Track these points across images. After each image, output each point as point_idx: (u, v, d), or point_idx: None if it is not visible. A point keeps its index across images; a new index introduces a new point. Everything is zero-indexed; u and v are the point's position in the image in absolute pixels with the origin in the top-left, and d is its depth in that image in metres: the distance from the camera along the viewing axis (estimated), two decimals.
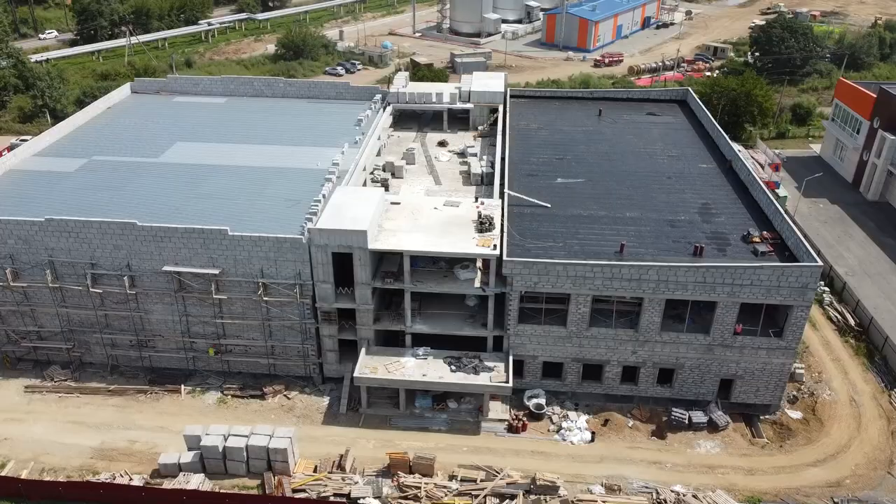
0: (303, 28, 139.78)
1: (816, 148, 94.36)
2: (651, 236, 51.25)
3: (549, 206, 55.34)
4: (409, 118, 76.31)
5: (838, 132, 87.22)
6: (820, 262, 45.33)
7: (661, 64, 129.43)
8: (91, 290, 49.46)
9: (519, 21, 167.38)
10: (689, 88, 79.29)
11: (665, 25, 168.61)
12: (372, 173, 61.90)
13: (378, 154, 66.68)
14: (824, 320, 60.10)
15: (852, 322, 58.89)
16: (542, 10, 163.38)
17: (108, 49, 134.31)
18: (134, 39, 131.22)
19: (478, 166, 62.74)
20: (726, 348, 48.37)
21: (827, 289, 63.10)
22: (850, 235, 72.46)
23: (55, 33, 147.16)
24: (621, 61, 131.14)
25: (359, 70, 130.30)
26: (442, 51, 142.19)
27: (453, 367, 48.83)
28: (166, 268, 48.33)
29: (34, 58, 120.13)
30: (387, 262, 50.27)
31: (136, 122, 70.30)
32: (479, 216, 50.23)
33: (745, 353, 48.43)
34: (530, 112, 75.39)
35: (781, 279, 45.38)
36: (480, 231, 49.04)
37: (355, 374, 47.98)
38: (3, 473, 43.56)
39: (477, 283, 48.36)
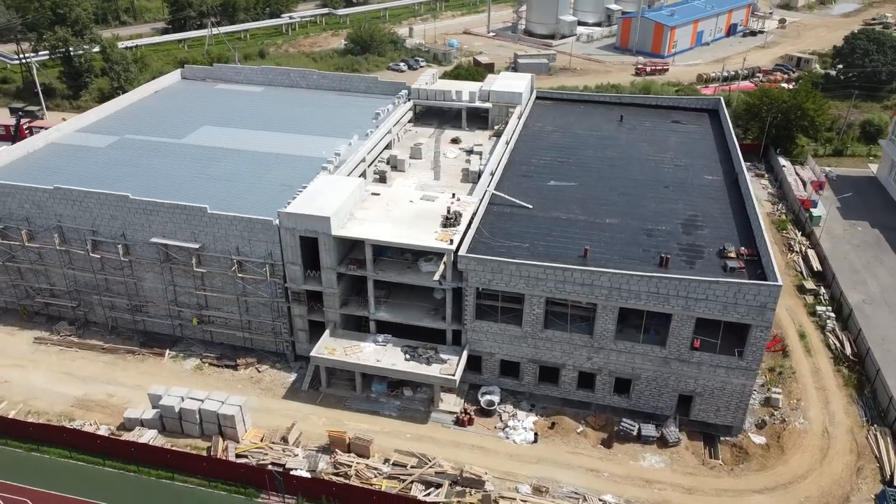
0: (372, 24, 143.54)
1: (875, 168, 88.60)
2: (622, 244, 50.60)
3: (530, 207, 55.53)
4: (434, 115, 77.77)
5: (895, 152, 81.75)
6: (779, 283, 43.50)
7: (732, 73, 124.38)
8: (91, 254, 54.18)
9: (598, 24, 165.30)
10: (721, 98, 76.53)
11: (753, 33, 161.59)
12: (370, 165, 63.83)
13: (388, 147, 68.67)
14: (822, 347, 57.07)
15: (849, 351, 55.63)
16: (624, 13, 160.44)
17: (193, 38, 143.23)
18: (215, 30, 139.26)
19: (477, 164, 63.51)
20: (683, 363, 47.20)
21: (833, 315, 59.77)
22: (880, 262, 68.05)
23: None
24: (666, 70, 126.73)
25: (421, 67, 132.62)
26: (509, 51, 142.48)
27: (408, 357, 50.16)
28: (154, 239, 52.28)
29: (125, 44, 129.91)
30: (357, 249, 52.09)
31: (174, 106, 75.59)
32: (448, 211, 51.22)
33: (704, 370, 47.08)
34: (551, 114, 75.26)
35: (738, 296, 43.91)
36: (445, 226, 50.04)
37: (311, 354, 50.26)
38: None
39: (436, 277, 49.39)
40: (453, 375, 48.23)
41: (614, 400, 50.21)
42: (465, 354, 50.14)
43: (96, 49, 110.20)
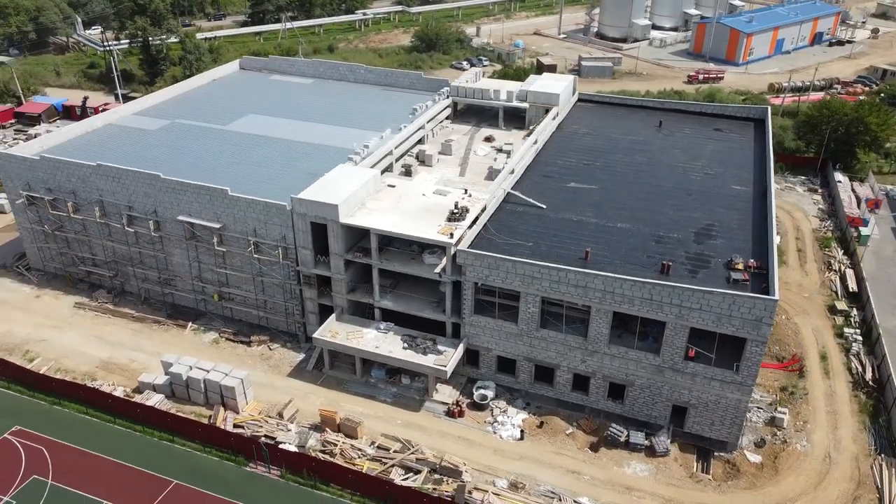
0: (439, 23, 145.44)
1: None
2: (629, 249, 50.15)
3: (544, 207, 55.70)
4: (474, 113, 78.58)
5: None
6: (776, 298, 42.20)
7: (805, 84, 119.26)
8: (126, 228, 58.09)
9: (675, 29, 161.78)
10: (768, 108, 73.96)
11: (840, 43, 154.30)
12: (398, 159, 65.36)
13: (421, 142, 70.09)
14: (843, 370, 54.67)
15: (869, 376, 53.08)
16: (703, 17, 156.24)
17: (268, 31, 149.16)
18: (288, 24, 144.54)
19: (502, 163, 64.02)
20: (677, 373, 46.44)
21: (860, 338, 57.08)
22: None
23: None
24: (721, 79, 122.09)
25: (484, 66, 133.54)
26: (577, 53, 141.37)
27: (406, 345, 51.41)
28: (180, 217, 55.57)
29: (204, 35, 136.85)
30: (367, 238, 53.51)
31: (227, 94, 79.53)
32: (456, 206, 52.13)
33: (698, 382, 46.19)
34: (589, 117, 74.82)
35: (733, 308, 42.92)
36: (451, 220, 50.98)
37: (314, 335, 52.28)
38: (29, 367, 52.97)
39: (438, 269, 50.39)
40: (445, 366, 49.14)
41: (608, 405, 49.86)
42: (461, 347, 50.96)
43: (173, 39, 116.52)
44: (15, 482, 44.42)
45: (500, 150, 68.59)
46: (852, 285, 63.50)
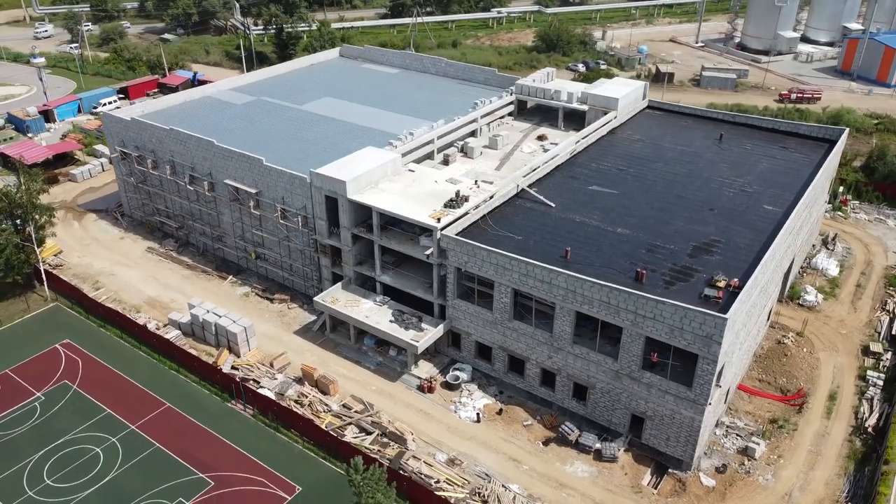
0: (562, 24, 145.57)
1: None
2: (615, 254, 50.06)
3: (553, 205, 56.60)
4: (541, 112, 79.80)
5: None
6: (725, 316, 40.77)
7: None
8: (188, 186, 66.24)
9: (831, 44, 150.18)
10: (846, 129, 68.62)
11: None
12: (443, 149, 68.36)
13: (473, 135, 72.83)
14: (849, 413, 50.82)
15: (871, 423, 48.99)
16: (870, 34, 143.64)
17: (402, 25, 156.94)
18: (419, 19, 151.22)
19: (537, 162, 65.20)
20: (634, 381, 46.07)
21: (881, 383, 52.56)
22: None
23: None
24: (818, 99, 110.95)
25: (602, 69, 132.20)
26: (708, 63, 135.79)
27: (392, 319, 54.78)
28: (227, 180, 62.61)
29: (339, 25, 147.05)
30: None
31: (316, 78, 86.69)
32: (457, 195, 54.60)
33: (654, 394, 45.56)
34: (651, 124, 73.59)
35: (684, 322, 42.11)
36: (447, 206, 53.58)
37: (315, 298, 57.08)
38: (91, 294, 62.49)
39: (427, 252, 53.19)
40: (418, 342, 51.95)
41: (572, 405, 50.24)
42: (441, 328, 53.49)
43: (303, 26, 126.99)
44: (49, 383, 53.28)
45: (545, 150, 69.57)
46: None
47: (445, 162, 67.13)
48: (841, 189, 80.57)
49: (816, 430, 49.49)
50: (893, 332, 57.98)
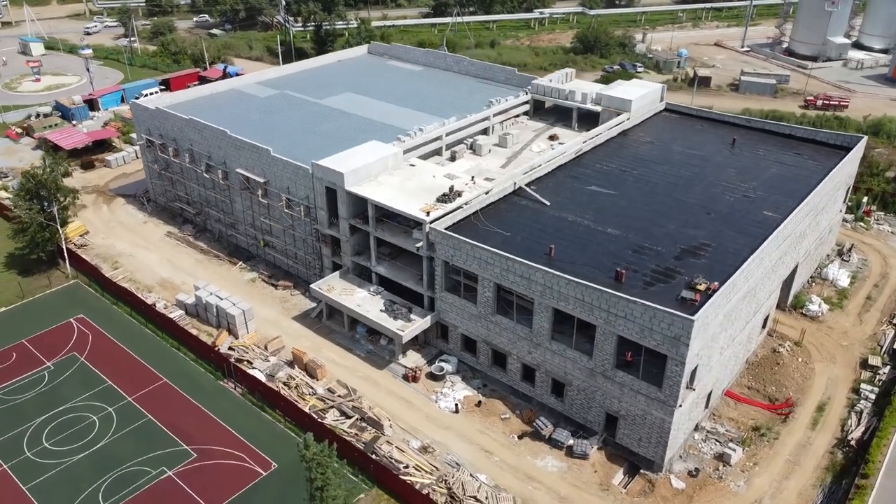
0: (600, 26, 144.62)
1: None
2: (600, 253, 50.25)
3: (548, 203, 57.08)
4: (557, 112, 79.96)
5: None
6: (692, 318, 40.68)
7: None
8: (204, 174, 69.06)
9: (885, 51, 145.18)
10: (865, 137, 66.86)
11: None
12: (453, 145, 69.43)
13: (484, 132, 73.69)
14: (835, 426, 49.86)
15: (856, 436, 47.94)
16: None
17: (443, 24, 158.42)
18: (459, 18, 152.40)
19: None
20: (608, 380, 46.31)
21: (873, 397, 51.31)
22: None
23: (206, 17, 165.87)
24: (845, 106, 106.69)
25: (638, 72, 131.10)
26: (751, 68, 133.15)
27: (383, 309, 56.18)
28: (238, 169, 65.09)
29: (379, 23, 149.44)
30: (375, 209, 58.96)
31: (341, 73, 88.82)
32: (450, 190, 55.64)
33: (626, 393, 45.73)
34: (664, 126, 73.13)
35: (654, 322, 42.21)
36: (440, 200, 54.66)
37: (311, 286, 58.91)
38: (108, 274, 65.89)
39: (418, 245, 54.36)
40: (403, 332, 53.20)
41: (551, 401, 50.70)
42: (428, 319, 54.63)
43: (339, 24, 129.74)
44: (59, 354, 56.58)
45: (554, 150, 69.85)
46: None
47: (453, 158, 68.17)
48: (865, 199, 78.31)
49: (799, 440, 48.72)
50: (895, 347, 56.36)
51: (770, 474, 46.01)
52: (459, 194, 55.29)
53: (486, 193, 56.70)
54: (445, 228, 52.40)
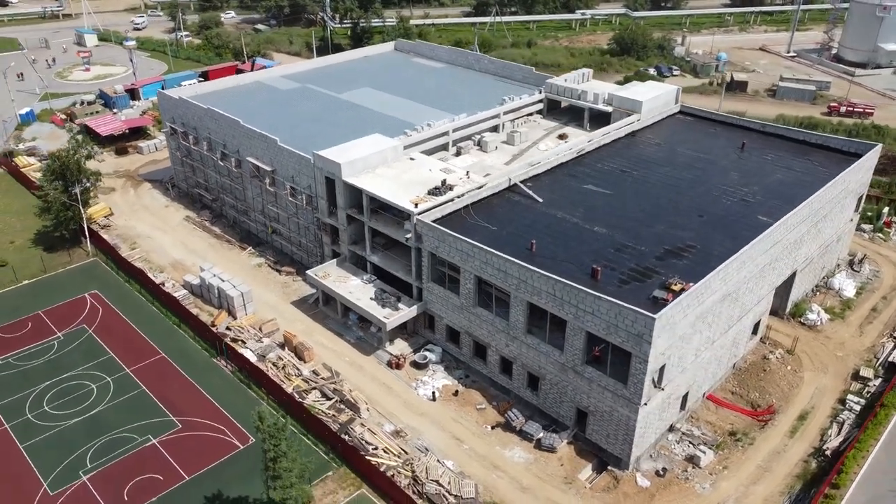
0: (639, 27, 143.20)
1: None
2: (583, 251, 50.58)
3: (540, 200, 57.67)
4: (571, 112, 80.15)
5: None
6: (654, 316, 40.83)
7: None
8: (219, 162, 71.92)
9: None
10: (880, 145, 65.13)
11: None
12: (459, 141, 70.52)
13: (495, 130, 74.55)
14: (815, 435, 49.07)
15: (833, 445, 47.12)
16: None
17: (482, 23, 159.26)
18: (497, 18, 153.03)
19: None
20: (578, 375, 46.75)
21: (857, 409, 50.25)
22: None
23: (232, 14, 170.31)
24: (870, 114, 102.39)
25: (673, 76, 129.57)
26: (791, 73, 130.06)
27: (372, 297, 57.71)
28: (248, 158, 67.63)
29: (418, 22, 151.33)
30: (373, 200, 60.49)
31: (363, 69, 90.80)
32: (443, 183, 56.80)
33: (594, 388, 46.11)
34: (675, 129, 72.67)
35: (619, 319, 42.54)
36: (430, 193, 55.88)
37: (307, 272, 60.86)
38: (124, 254, 69.33)
39: (407, 236, 55.67)
40: (388, 319, 54.60)
41: (527, 394, 51.35)
42: (414, 309, 55.90)
43: (376, 21, 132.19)
44: (70, 325, 60.03)
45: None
46: None
47: (458, 154, 69.25)
48: (886, 210, 76.05)
49: (774, 447, 48.17)
50: (891, 360, 54.93)
51: (738, 479, 45.69)
52: (451, 188, 56.37)
53: (480, 188, 57.60)
54: (434, 221, 53.58)
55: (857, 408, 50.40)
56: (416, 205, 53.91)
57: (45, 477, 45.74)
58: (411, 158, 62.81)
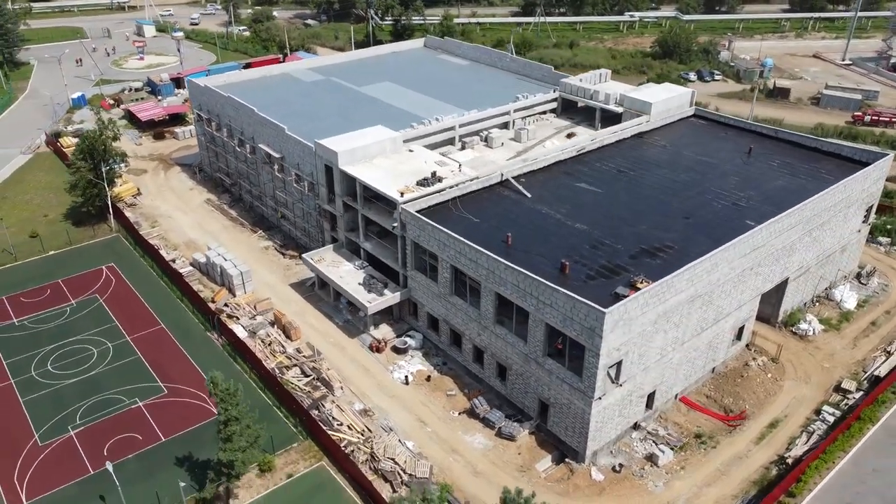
0: (683, 30, 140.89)
1: None
2: (560, 246, 51.17)
3: (528, 195, 58.54)
4: (584, 111, 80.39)
5: None
6: (604, 310, 41.33)
7: None
8: (237, 148, 75.28)
9: None
10: (891, 154, 63.12)
11: None
12: (467, 136, 71.86)
13: (505, 126, 75.60)
14: (783, 443, 48.44)
15: (795, 454, 46.46)
16: None
17: (527, 23, 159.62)
18: (541, 19, 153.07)
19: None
20: (539, 366, 47.57)
21: (831, 421, 49.27)
22: None
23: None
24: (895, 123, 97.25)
25: (715, 80, 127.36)
26: (844, 82, 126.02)
27: (360, 282, 59.69)
28: (260, 145, 70.66)
29: (462, 20, 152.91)
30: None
31: (390, 64, 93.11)
32: (433, 174, 58.30)
33: (553, 381, 46.84)
34: (685, 131, 72.15)
35: (574, 312, 43.20)
36: (419, 184, 57.48)
37: (303, 256, 63.31)
38: (143, 232, 73.44)
39: (394, 224, 57.38)
40: (370, 304, 56.48)
41: (496, 384, 52.36)
42: (397, 295, 57.61)
43: (417, 18, 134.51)
44: (83, 295, 64.23)
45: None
46: (885, 371, 53.56)
47: (463, 147, 70.58)
48: None
49: (737, 451, 47.81)
50: (877, 373, 53.51)
51: (693, 480, 45.63)
52: (440, 179, 57.78)
53: (470, 181, 58.82)
54: (420, 211, 55.13)
55: (832, 419, 49.40)
56: (402, 194, 55.54)
57: (38, 429, 49.48)
58: (410, 150, 64.49)
